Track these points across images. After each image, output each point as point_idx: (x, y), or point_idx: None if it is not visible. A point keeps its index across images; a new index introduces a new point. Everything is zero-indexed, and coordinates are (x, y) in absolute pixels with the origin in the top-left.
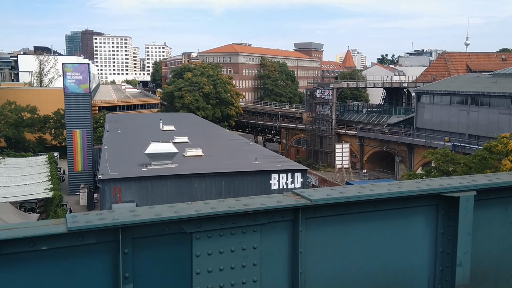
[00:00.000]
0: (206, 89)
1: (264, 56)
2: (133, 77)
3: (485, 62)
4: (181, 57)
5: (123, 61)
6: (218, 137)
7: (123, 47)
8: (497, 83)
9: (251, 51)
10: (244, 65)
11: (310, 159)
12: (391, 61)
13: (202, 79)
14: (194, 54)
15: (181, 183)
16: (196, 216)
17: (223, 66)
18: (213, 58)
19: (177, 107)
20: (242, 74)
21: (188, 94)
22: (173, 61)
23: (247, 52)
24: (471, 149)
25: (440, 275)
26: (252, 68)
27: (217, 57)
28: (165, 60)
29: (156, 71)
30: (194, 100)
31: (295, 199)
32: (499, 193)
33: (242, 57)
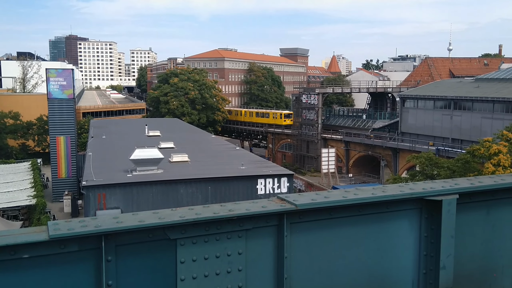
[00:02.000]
0: (192, 94)
1: (250, 61)
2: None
3: (468, 67)
4: (166, 63)
5: (108, 66)
6: (204, 143)
7: (107, 52)
8: (479, 88)
9: (237, 56)
10: (230, 70)
11: (297, 164)
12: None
13: (188, 84)
14: (180, 60)
15: (167, 189)
16: (181, 222)
17: (209, 72)
18: (199, 64)
19: (162, 113)
20: (228, 79)
21: (173, 100)
22: (158, 67)
23: (233, 58)
24: (455, 153)
25: (424, 278)
26: (238, 73)
27: (203, 62)
28: (151, 66)
29: (141, 77)
30: (180, 106)
31: (280, 204)
32: (481, 197)
33: (228, 62)
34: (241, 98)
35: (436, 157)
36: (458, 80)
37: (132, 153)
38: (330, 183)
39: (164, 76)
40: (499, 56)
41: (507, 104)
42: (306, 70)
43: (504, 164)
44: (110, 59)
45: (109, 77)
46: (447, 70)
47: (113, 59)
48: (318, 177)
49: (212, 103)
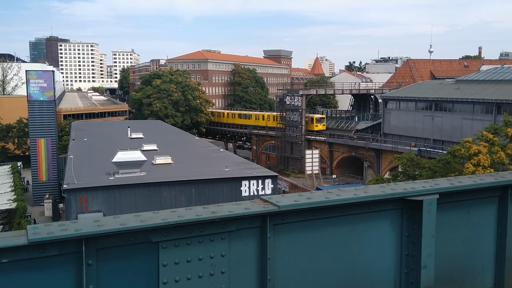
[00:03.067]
0: (175, 96)
1: (234, 63)
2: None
3: (448, 69)
4: (149, 64)
5: (90, 68)
6: (187, 145)
7: (89, 54)
8: (459, 89)
9: (221, 58)
10: (214, 72)
11: (281, 165)
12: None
13: (171, 86)
14: (162, 61)
15: (150, 192)
16: (163, 225)
17: (193, 73)
18: (182, 65)
19: (145, 115)
20: (211, 81)
21: (156, 102)
22: (141, 68)
23: (217, 59)
24: (436, 153)
25: (406, 278)
26: (222, 75)
27: (186, 64)
28: (133, 67)
29: (123, 78)
30: (163, 107)
31: (263, 205)
32: (461, 196)
33: (211, 64)
34: (225, 100)
35: (418, 158)
36: (439, 82)
37: (115, 155)
38: (314, 184)
39: (147, 78)
40: (478, 58)
41: (487, 105)
42: (290, 72)
43: (484, 164)
44: (92, 60)
45: (91, 78)
46: (428, 71)
47: (94, 60)
48: (302, 178)
49: (195, 105)
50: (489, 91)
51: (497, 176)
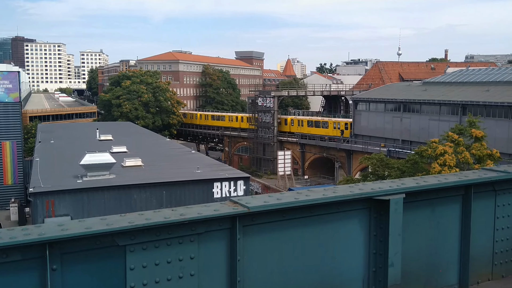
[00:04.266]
0: (145, 97)
1: (205, 64)
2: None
3: (416, 71)
4: (119, 65)
5: (57, 68)
6: (158, 146)
7: (56, 54)
8: (426, 91)
9: (192, 59)
10: (185, 73)
11: (253, 167)
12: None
13: (141, 87)
14: (132, 62)
15: (120, 195)
16: (130, 228)
17: (163, 74)
18: (152, 66)
19: (115, 116)
20: (183, 82)
21: (126, 103)
22: (110, 69)
23: (188, 60)
24: (404, 154)
25: (374, 276)
26: (193, 76)
27: (157, 65)
28: (102, 68)
29: (92, 79)
30: (133, 109)
31: (232, 207)
32: (426, 195)
33: (182, 65)
34: (197, 101)
35: (387, 158)
36: (407, 84)
37: (82, 158)
38: (287, 185)
39: (116, 79)
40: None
41: (453, 106)
42: (262, 73)
43: (449, 164)
44: (59, 61)
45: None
46: (397, 73)
47: (62, 61)
48: (275, 179)
49: (166, 106)
50: (455, 93)
51: (460, 175)
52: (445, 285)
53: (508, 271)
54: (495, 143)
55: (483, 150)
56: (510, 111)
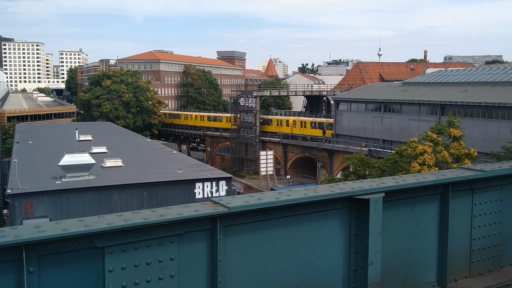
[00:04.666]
0: (125, 97)
1: (187, 64)
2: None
3: (396, 72)
4: (98, 64)
5: (35, 68)
6: (139, 147)
7: (34, 53)
8: (406, 91)
9: (173, 58)
10: (166, 72)
11: (235, 167)
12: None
13: (121, 87)
14: (112, 61)
15: (100, 196)
16: (108, 230)
17: (144, 74)
18: (133, 65)
19: (94, 116)
20: (164, 82)
21: (106, 103)
22: (89, 68)
23: (169, 60)
24: (385, 153)
25: (354, 275)
26: (175, 76)
27: (138, 64)
28: (81, 67)
29: (71, 79)
30: (114, 109)
31: (213, 207)
32: (406, 194)
33: (163, 64)
34: (178, 101)
35: (368, 158)
36: (387, 84)
37: (61, 158)
38: (269, 185)
39: (96, 78)
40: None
41: (432, 106)
42: (244, 73)
43: (429, 163)
44: (37, 60)
45: (36, 79)
46: (378, 74)
47: (40, 60)
48: (257, 179)
49: (147, 106)
50: (434, 93)
51: (438, 174)
52: (424, 282)
53: (485, 268)
54: (473, 142)
55: (461, 149)
56: (487, 111)
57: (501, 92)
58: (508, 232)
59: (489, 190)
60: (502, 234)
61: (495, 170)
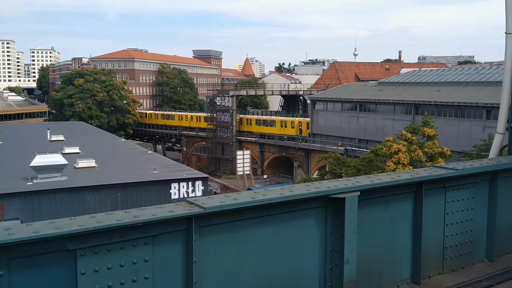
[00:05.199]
0: (99, 96)
1: (162, 63)
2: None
3: (371, 72)
4: (71, 63)
5: (5, 66)
6: (113, 147)
7: (5, 51)
8: (381, 91)
9: (148, 57)
10: (141, 71)
11: (212, 167)
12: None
13: (95, 85)
14: (85, 60)
15: (72, 197)
16: (80, 232)
17: (118, 73)
18: (106, 64)
19: (67, 116)
20: (138, 81)
21: (79, 102)
22: (62, 67)
23: (144, 58)
24: (361, 152)
25: (330, 273)
26: (150, 74)
27: (111, 63)
28: (53, 66)
29: (42, 77)
30: (87, 108)
31: (188, 208)
32: (380, 193)
33: (138, 63)
34: (153, 100)
35: (343, 157)
36: (363, 84)
37: (33, 159)
38: (246, 185)
39: (68, 77)
40: (399, 61)
41: (406, 106)
42: (220, 73)
43: (403, 162)
44: (8, 58)
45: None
46: (353, 74)
47: (10, 58)
48: (234, 179)
49: (121, 106)
50: (408, 93)
51: (412, 173)
52: (398, 280)
53: (458, 265)
54: (446, 141)
55: (434, 148)
56: (459, 111)
57: (473, 92)
58: (480, 229)
59: (461, 188)
60: (473, 231)
61: (467, 169)
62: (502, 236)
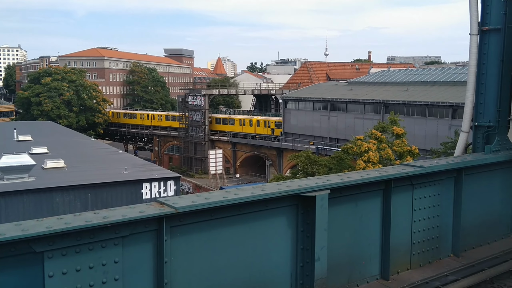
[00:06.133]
0: (67, 95)
1: (133, 61)
2: None
3: (342, 71)
4: (38, 61)
5: None
6: (83, 147)
7: None
8: (352, 91)
9: (119, 55)
10: (111, 70)
11: (184, 166)
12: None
13: (63, 84)
14: (53, 58)
15: (41, 198)
16: (47, 234)
17: (88, 71)
18: (75, 63)
19: (35, 115)
20: (109, 79)
21: (47, 101)
22: (29, 65)
23: (114, 57)
24: (332, 151)
25: (301, 271)
26: (120, 73)
27: (81, 62)
28: (20, 64)
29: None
30: (55, 107)
31: (159, 208)
32: (350, 191)
33: (108, 61)
34: (124, 100)
35: (315, 156)
36: (333, 83)
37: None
38: (218, 184)
39: (35, 76)
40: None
41: (376, 105)
42: (192, 72)
43: (373, 160)
44: None
45: None
46: (324, 73)
47: None
48: (206, 178)
49: (91, 105)
50: (377, 92)
51: (381, 171)
52: (368, 276)
53: (425, 260)
54: (414, 139)
55: (403, 146)
56: (427, 110)
57: (440, 92)
58: (446, 225)
59: (428, 185)
60: (440, 227)
61: (433, 166)
62: (467, 231)
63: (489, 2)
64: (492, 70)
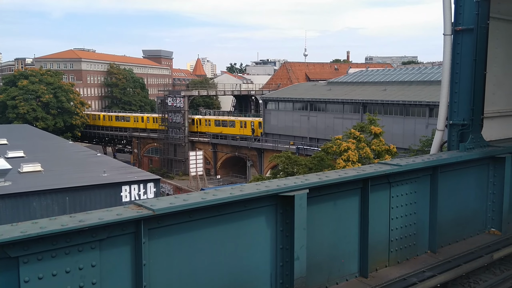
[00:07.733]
0: (45, 97)
1: (111, 63)
2: None
3: (321, 71)
4: (13, 63)
5: None
6: (60, 150)
7: None
8: (331, 91)
9: (96, 57)
10: (89, 72)
11: (164, 168)
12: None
13: (40, 87)
14: (29, 60)
15: (17, 203)
16: (22, 238)
17: (65, 73)
18: (52, 64)
19: (10, 118)
20: (86, 81)
21: (23, 104)
22: (3, 68)
23: (92, 59)
24: (312, 151)
25: (281, 270)
26: (98, 75)
27: (57, 63)
28: None
29: None
30: (31, 110)
31: (136, 210)
32: (329, 190)
33: (85, 63)
34: (102, 102)
35: (295, 156)
36: (313, 83)
37: None
38: (199, 186)
39: (11, 78)
40: (347, 62)
41: (355, 105)
42: (171, 73)
43: (352, 160)
44: None
45: None
46: (304, 74)
47: None
48: (187, 180)
49: (69, 107)
50: (356, 92)
51: (359, 169)
52: (347, 274)
53: (403, 257)
54: (392, 138)
55: (381, 145)
56: (404, 109)
57: (417, 91)
58: (422, 222)
59: (405, 183)
60: (417, 224)
61: (410, 164)
62: (443, 228)
63: (462, 3)
64: (465, 69)
